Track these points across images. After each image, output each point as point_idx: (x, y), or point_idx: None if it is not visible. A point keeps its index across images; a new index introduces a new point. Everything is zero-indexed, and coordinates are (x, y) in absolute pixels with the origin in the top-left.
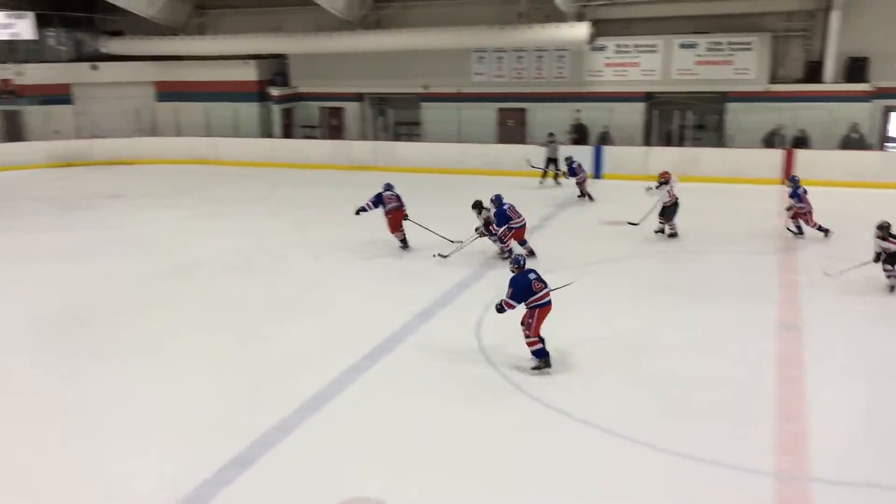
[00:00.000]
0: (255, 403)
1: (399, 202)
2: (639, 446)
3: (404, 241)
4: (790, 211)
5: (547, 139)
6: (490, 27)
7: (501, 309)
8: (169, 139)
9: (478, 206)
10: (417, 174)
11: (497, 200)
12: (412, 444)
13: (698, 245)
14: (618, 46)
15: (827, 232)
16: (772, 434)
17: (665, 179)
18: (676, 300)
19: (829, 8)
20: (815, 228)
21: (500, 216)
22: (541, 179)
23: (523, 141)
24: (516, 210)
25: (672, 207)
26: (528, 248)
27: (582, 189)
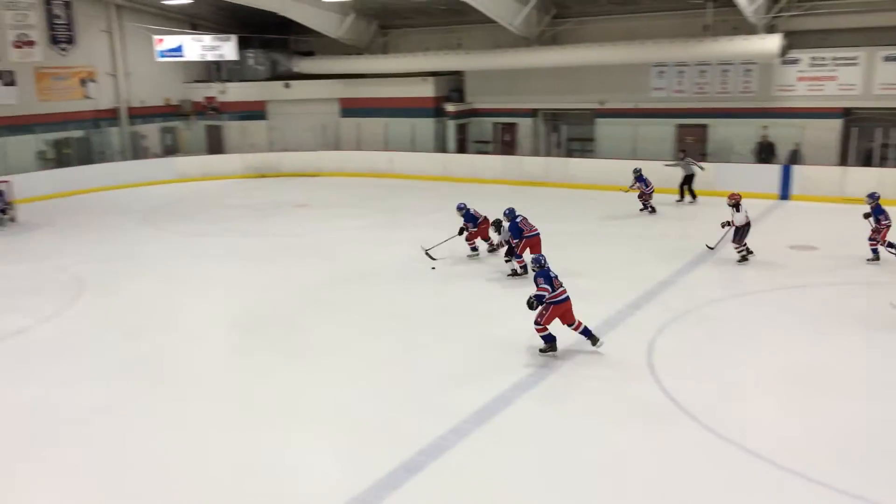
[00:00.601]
0: (423, 411)
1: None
2: (819, 487)
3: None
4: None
5: (678, 157)
6: (672, 41)
7: (533, 304)
8: (350, 153)
9: (496, 225)
10: (588, 190)
11: (510, 214)
12: (574, 462)
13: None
14: (812, 59)
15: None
16: None
17: (735, 202)
18: (860, 331)
19: None
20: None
21: (514, 229)
22: (678, 198)
23: (704, 158)
24: (528, 222)
25: (745, 228)
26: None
27: (645, 203)
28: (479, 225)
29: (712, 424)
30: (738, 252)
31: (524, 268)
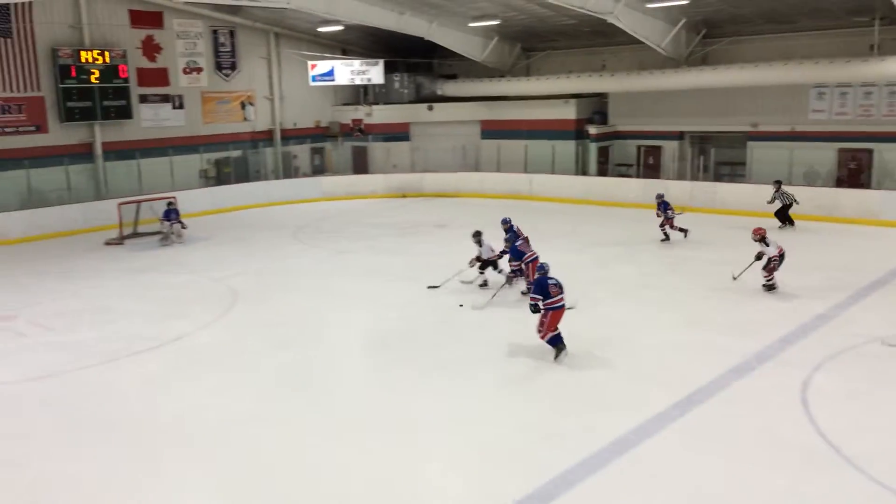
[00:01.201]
0: (555, 438)
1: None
2: None
3: None
4: None
5: (774, 189)
6: (833, 61)
7: (534, 308)
8: (489, 174)
9: (477, 236)
10: (737, 217)
11: (511, 239)
12: None
13: None
14: None
15: None
16: None
17: (762, 236)
18: None
19: None
20: None
21: (516, 253)
22: (780, 225)
23: (868, 185)
24: (528, 244)
25: (779, 260)
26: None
27: (664, 231)
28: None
29: (879, 476)
30: (767, 280)
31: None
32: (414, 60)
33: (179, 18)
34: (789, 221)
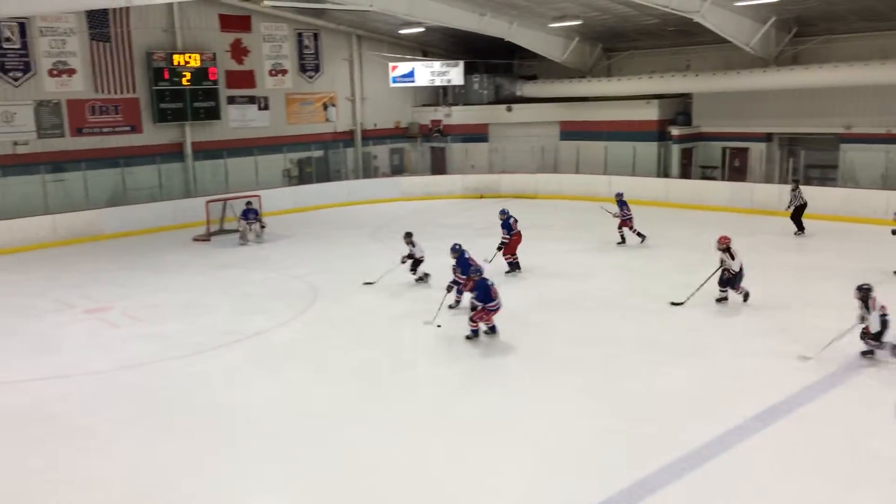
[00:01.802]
0: (635, 445)
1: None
2: None
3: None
4: None
5: (791, 188)
6: None
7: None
8: (568, 176)
9: (408, 237)
10: (827, 222)
11: (457, 250)
12: None
13: None
14: None
15: None
16: None
17: (726, 246)
18: None
19: None
20: None
21: (464, 264)
22: (796, 232)
23: None
24: (474, 259)
25: (739, 274)
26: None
27: (621, 233)
28: (513, 237)
29: None
30: (722, 294)
31: (459, 292)
32: (494, 61)
33: (266, 22)
34: (800, 226)
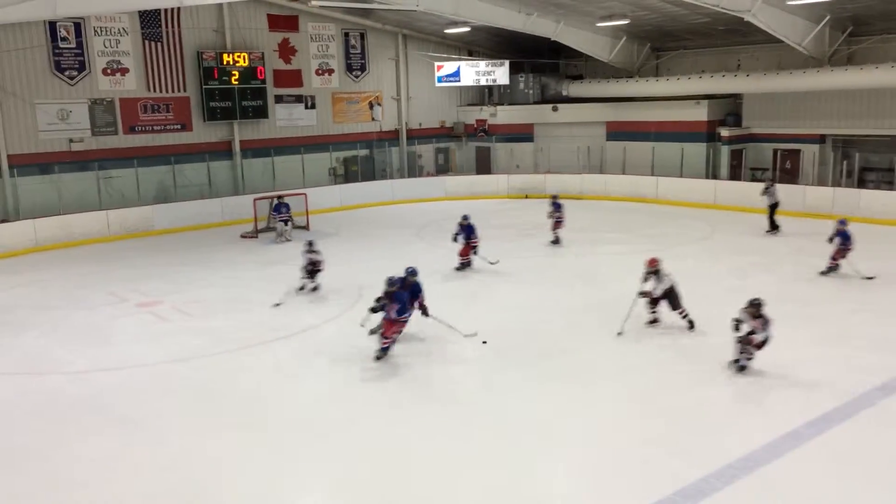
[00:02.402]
0: (682, 451)
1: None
2: None
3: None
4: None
5: (766, 185)
6: None
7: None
8: (614, 176)
9: (310, 245)
10: (883, 226)
11: (413, 273)
12: None
13: None
14: None
15: None
16: None
17: (656, 269)
18: None
19: None
20: None
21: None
22: (768, 230)
23: None
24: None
25: (671, 296)
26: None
27: (556, 234)
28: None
29: None
30: (652, 315)
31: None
32: (539, 61)
33: (314, 22)
34: (772, 225)
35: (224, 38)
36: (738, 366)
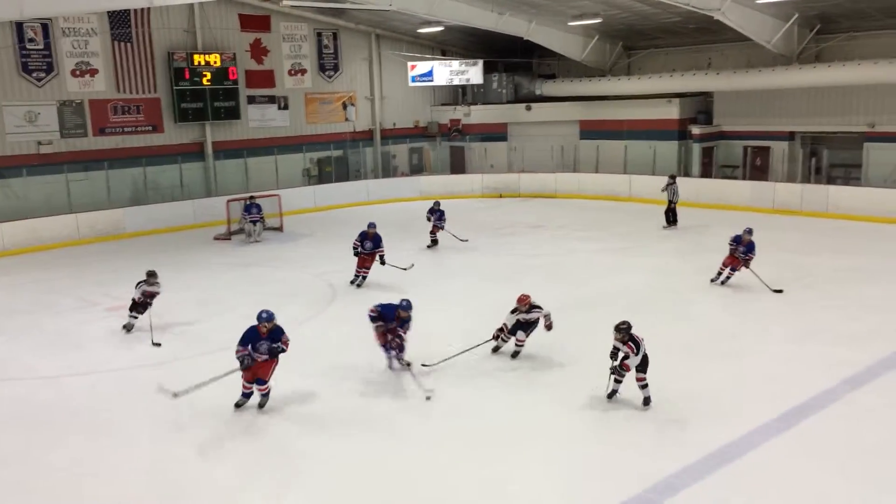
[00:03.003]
0: (658, 445)
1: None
2: None
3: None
4: None
5: (667, 181)
6: None
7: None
8: (587, 175)
9: (151, 274)
10: (852, 221)
11: (408, 306)
12: None
13: None
14: None
15: None
16: None
17: (530, 305)
18: None
19: None
20: None
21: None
22: (664, 225)
23: None
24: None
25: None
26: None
27: (432, 237)
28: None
29: None
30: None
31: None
32: (513, 60)
33: (286, 22)
34: (669, 218)
35: (195, 39)
36: (611, 392)
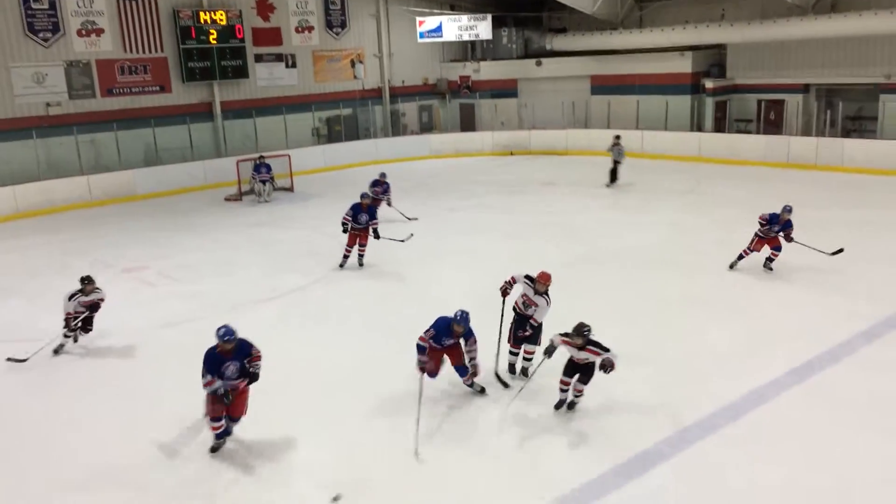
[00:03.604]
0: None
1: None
2: None
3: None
4: None
5: (613, 141)
6: None
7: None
8: (598, 131)
9: (87, 281)
10: (866, 175)
11: (464, 318)
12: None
13: None
14: None
15: None
16: None
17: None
18: None
19: None
20: None
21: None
22: (607, 183)
23: None
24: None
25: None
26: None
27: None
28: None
29: None
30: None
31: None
32: (522, 14)
33: None
34: (612, 177)
35: None
36: (569, 404)
